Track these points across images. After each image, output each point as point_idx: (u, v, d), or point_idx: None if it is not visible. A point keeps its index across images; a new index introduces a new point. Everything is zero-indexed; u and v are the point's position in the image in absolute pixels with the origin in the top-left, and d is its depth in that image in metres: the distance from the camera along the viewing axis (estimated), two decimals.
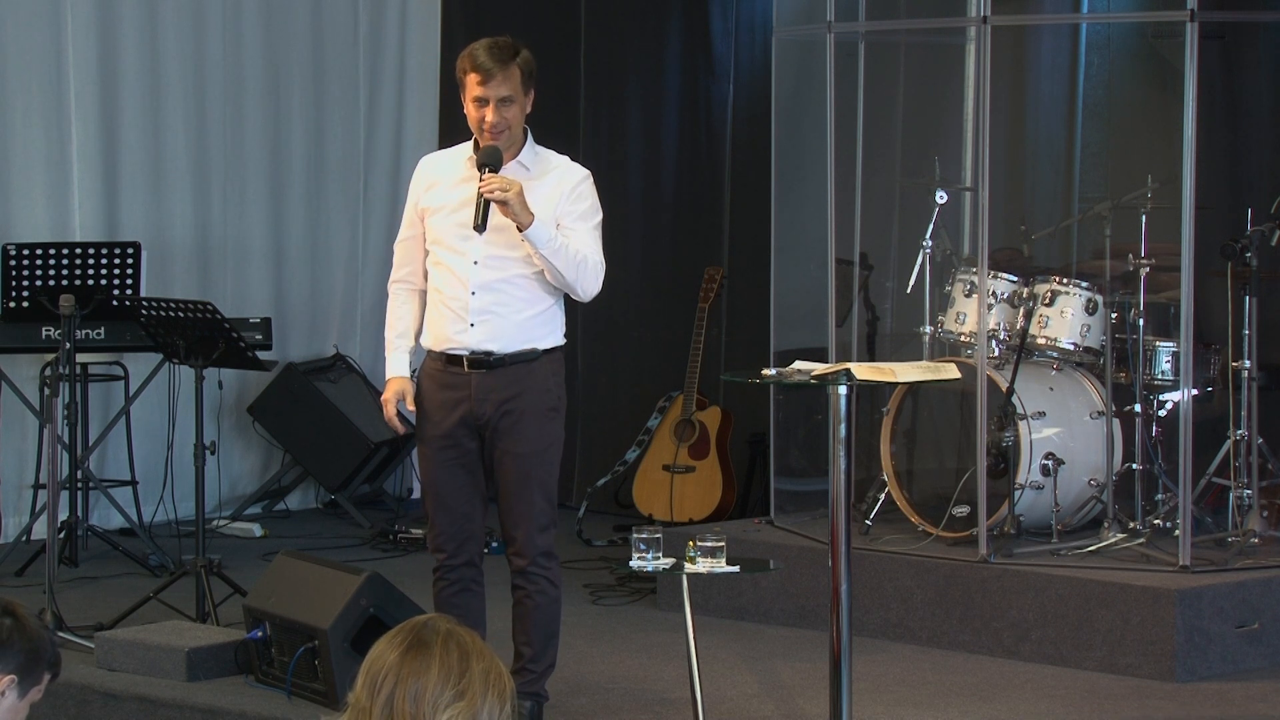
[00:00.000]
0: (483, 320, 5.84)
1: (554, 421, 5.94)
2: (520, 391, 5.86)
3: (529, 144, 5.90)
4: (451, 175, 5.91)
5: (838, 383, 5.69)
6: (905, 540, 7.58)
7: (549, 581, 5.98)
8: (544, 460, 5.92)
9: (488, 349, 5.85)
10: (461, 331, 5.87)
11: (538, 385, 5.88)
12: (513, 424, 5.87)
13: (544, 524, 5.94)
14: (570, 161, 5.95)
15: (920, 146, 8.43)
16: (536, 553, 5.93)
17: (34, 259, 8.46)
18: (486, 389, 5.86)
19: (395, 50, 10.26)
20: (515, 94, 5.76)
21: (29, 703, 3.67)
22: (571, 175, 5.90)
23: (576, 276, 5.80)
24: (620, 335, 10.06)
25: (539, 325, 5.89)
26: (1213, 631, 6.86)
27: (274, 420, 9.68)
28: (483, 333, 5.85)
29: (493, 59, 5.74)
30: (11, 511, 9.01)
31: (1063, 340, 7.66)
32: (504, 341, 5.85)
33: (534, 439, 5.88)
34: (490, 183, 5.69)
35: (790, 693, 6.62)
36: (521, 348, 5.87)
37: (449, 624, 3.11)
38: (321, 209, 10.08)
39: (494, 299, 5.84)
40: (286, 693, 6.34)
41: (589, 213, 5.89)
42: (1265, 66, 8.58)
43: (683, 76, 9.97)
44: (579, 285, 5.83)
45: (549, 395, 5.91)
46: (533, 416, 5.88)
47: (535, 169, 5.87)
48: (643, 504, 9.11)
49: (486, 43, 5.82)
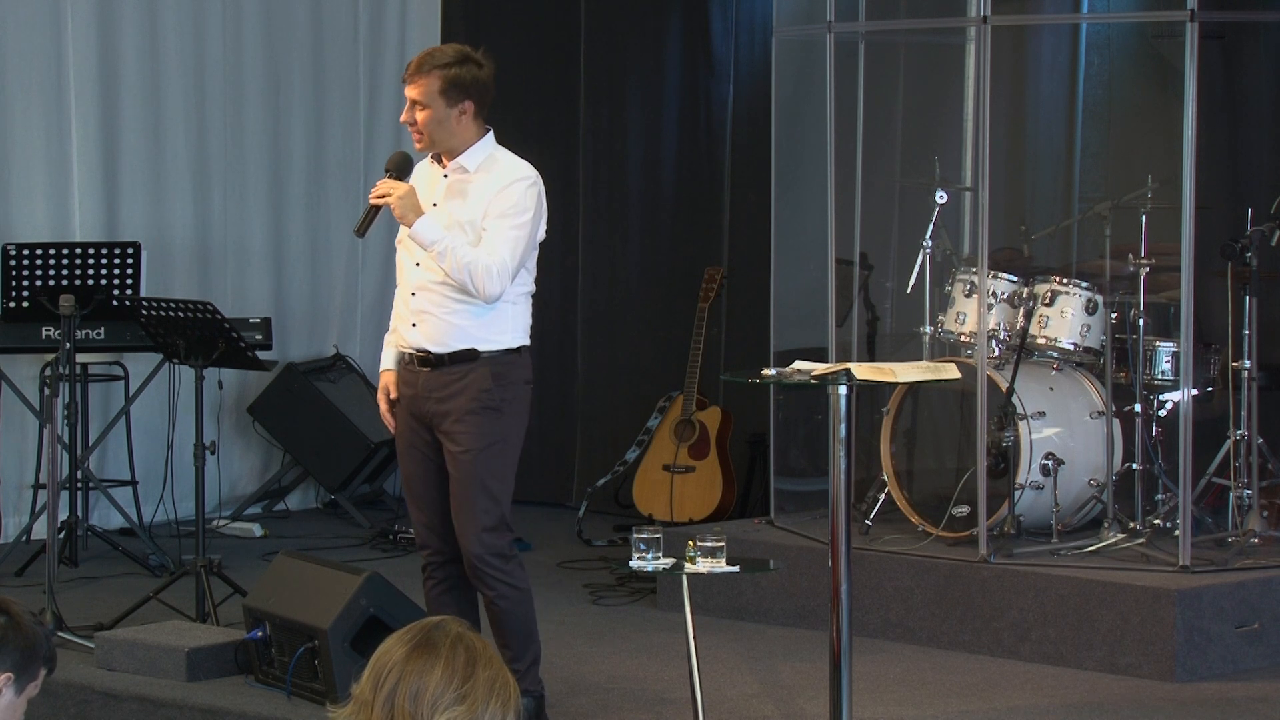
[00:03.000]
0: (421, 320, 5.96)
1: (495, 421, 5.92)
2: (456, 392, 5.91)
3: (480, 145, 5.95)
4: (421, 179, 6.05)
5: (838, 383, 5.70)
6: (905, 540, 7.58)
7: (507, 584, 5.96)
8: (485, 459, 5.91)
9: (425, 348, 5.95)
10: (408, 331, 6.00)
11: (475, 385, 5.89)
12: (451, 424, 5.92)
13: (489, 524, 5.92)
14: (520, 165, 5.96)
15: (920, 146, 8.43)
16: (484, 553, 5.91)
17: (34, 259, 8.46)
18: (430, 387, 5.95)
19: (395, 50, 10.26)
20: (427, 99, 5.88)
21: (26, 699, 3.67)
22: (507, 175, 5.92)
23: (467, 279, 5.83)
24: (620, 335, 10.05)
25: (479, 327, 5.92)
26: (1213, 631, 6.86)
27: (274, 420, 9.69)
28: (421, 332, 5.96)
29: (416, 64, 5.94)
30: (11, 511, 9.01)
31: (1063, 340, 7.66)
32: (439, 341, 5.93)
33: (470, 438, 5.90)
34: (378, 188, 5.94)
35: (790, 693, 6.62)
36: (460, 348, 5.92)
37: (461, 628, 3.12)
38: (321, 209, 10.08)
39: (428, 299, 5.94)
40: (286, 693, 6.34)
41: (508, 211, 5.87)
42: (1265, 66, 8.58)
43: (683, 76, 9.97)
44: (471, 287, 5.84)
45: (487, 395, 5.90)
46: (469, 416, 5.89)
47: (477, 170, 5.93)
48: (643, 504, 9.11)
49: (428, 49, 6.05)
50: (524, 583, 6.02)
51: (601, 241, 10.07)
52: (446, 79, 5.88)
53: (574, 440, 10.08)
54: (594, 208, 10.08)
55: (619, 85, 10.10)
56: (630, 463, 9.23)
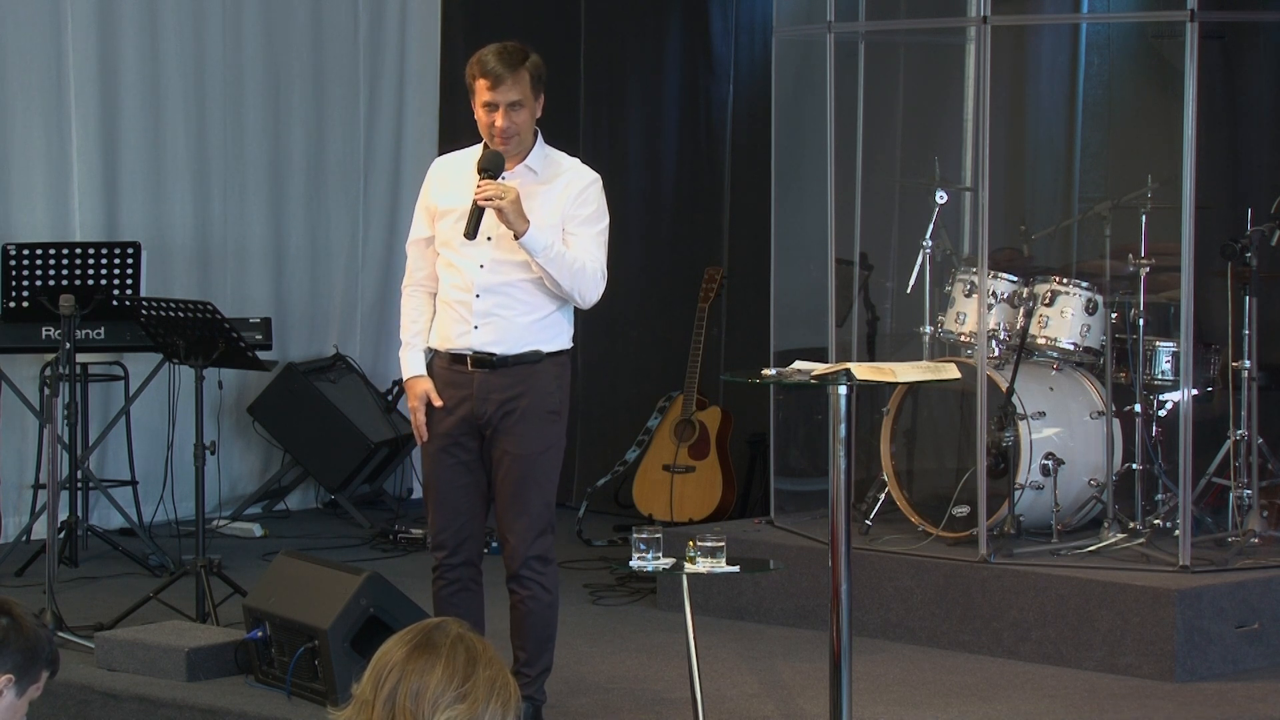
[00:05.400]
0: (486, 323, 5.86)
1: (554, 425, 5.94)
2: (522, 391, 5.87)
3: (539, 146, 5.90)
4: (462, 178, 5.90)
5: (838, 383, 5.69)
6: (905, 540, 7.58)
7: (542, 587, 5.95)
8: (542, 463, 5.91)
9: (491, 350, 5.86)
10: (465, 333, 5.88)
11: (540, 387, 5.88)
12: (513, 424, 5.87)
13: (540, 528, 5.92)
14: (580, 165, 5.94)
15: (920, 146, 8.43)
16: (529, 556, 5.91)
17: (34, 259, 8.46)
18: (489, 388, 5.87)
19: (395, 50, 10.26)
20: (525, 99, 5.77)
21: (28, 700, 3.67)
22: (579, 179, 5.89)
23: (574, 285, 5.81)
24: (620, 335, 10.05)
25: (543, 329, 5.91)
26: (1213, 631, 6.86)
27: (274, 420, 9.68)
28: (486, 335, 5.86)
29: (502, 64, 5.75)
30: (11, 511, 9.01)
31: (1063, 340, 7.66)
32: (508, 344, 5.87)
33: (533, 440, 5.88)
34: (485, 189, 5.73)
35: (790, 693, 6.62)
36: (525, 349, 5.88)
37: (461, 629, 3.12)
38: (321, 209, 10.08)
39: (497, 302, 5.85)
40: (286, 693, 6.34)
41: (593, 218, 5.87)
42: (1265, 66, 8.58)
43: (683, 76, 9.97)
44: (576, 293, 5.84)
45: (550, 398, 5.91)
46: (533, 417, 5.87)
47: (544, 172, 5.88)
48: (643, 504, 9.11)
49: (496, 48, 5.82)
50: (555, 589, 6.00)
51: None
52: (534, 74, 5.78)
53: (574, 440, 10.07)
54: None
55: (619, 85, 10.10)
56: (630, 463, 9.23)
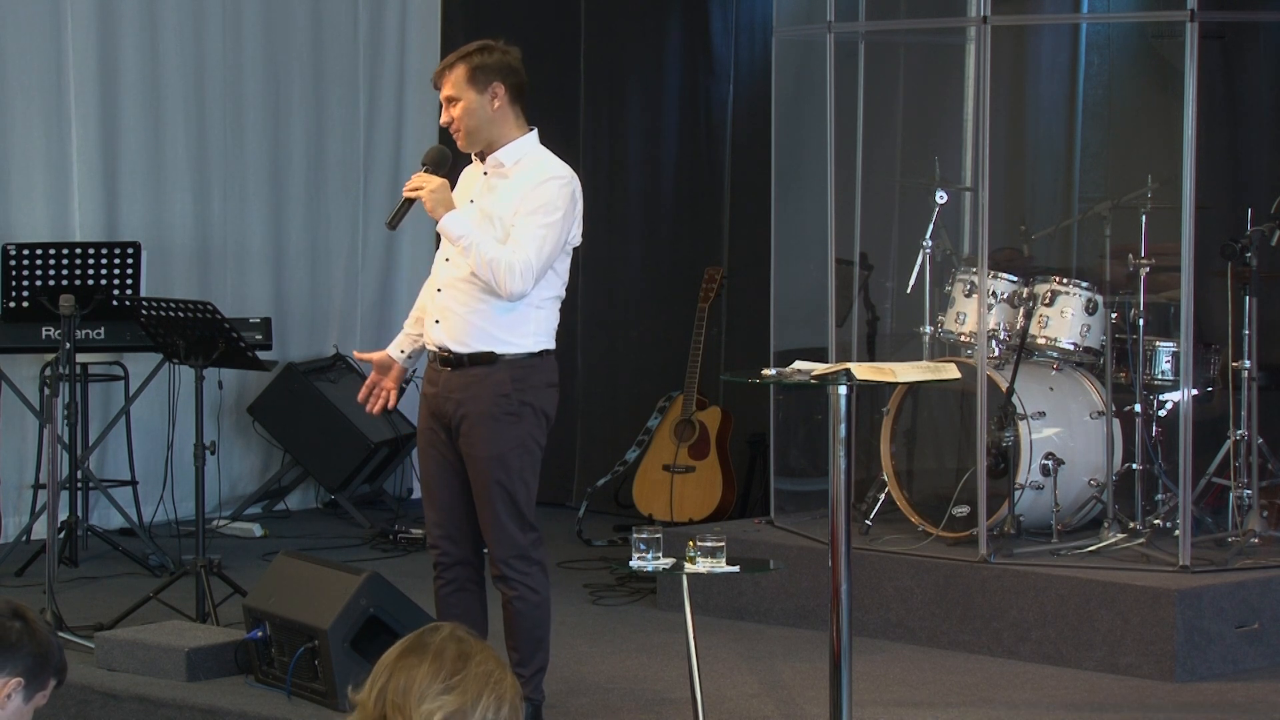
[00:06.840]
0: (444, 316, 5.92)
1: (513, 426, 5.87)
2: (474, 395, 5.86)
3: (520, 142, 5.91)
4: (466, 180, 6.06)
5: (838, 383, 5.69)
6: (905, 540, 7.58)
7: (529, 587, 5.92)
8: (504, 464, 5.86)
9: (446, 346, 5.91)
10: (432, 327, 5.97)
11: (492, 390, 5.84)
12: (469, 427, 5.88)
13: (512, 528, 5.89)
14: (555, 163, 5.91)
15: (920, 146, 8.43)
16: (508, 556, 5.89)
17: (34, 259, 8.46)
18: (450, 387, 5.92)
19: (395, 51, 10.26)
20: (459, 94, 5.89)
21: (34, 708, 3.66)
22: (541, 173, 5.87)
23: (490, 275, 5.78)
24: (620, 335, 10.05)
25: (499, 327, 5.86)
26: (1213, 631, 6.87)
27: (274, 420, 9.69)
28: (443, 329, 5.93)
29: (442, 61, 5.98)
30: (11, 511, 9.01)
31: (1063, 340, 7.66)
32: (458, 339, 5.88)
33: (487, 443, 5.85)
34: (412, 181, 5.91)
35: (790, 693, 6.62)
36: (479, 349, 5.86)
37: (456, 631, 3.16)
38: (321, 209, 10.08)
39: (451, 296, 5.90)
40: (286, 693, 6.34)
41: (539, 210, 5.81)
42: (1265, 66, 8.58)
43: (683, 76, 9.97)
44: (494, 284, 5.78)
45: (506, 400, 5.84)
46: (487, 420, 5.85)
47: (513, 166, 5.90)
48: (643, 504, 9.11)
49: None
50: (543, 588, 5.97)
51: (601, 241, 10.06)
52: (471, 65, 5.88)
53: (574, 440, 10.08)
54: (594, 208, 10.00)
55: (619, 85, 10.10)
56: (630, 463, 9.23)
